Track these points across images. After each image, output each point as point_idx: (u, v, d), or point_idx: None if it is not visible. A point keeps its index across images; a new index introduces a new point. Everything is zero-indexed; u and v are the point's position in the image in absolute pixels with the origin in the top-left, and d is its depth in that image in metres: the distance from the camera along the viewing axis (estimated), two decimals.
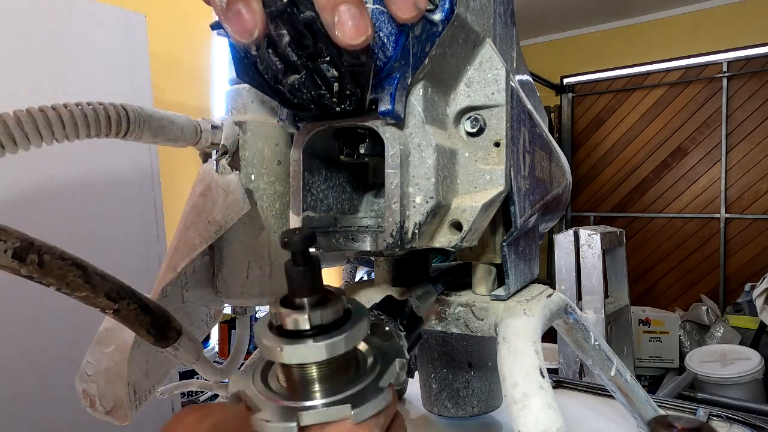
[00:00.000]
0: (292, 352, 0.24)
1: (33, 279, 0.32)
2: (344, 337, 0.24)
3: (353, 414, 0.24)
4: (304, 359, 0.24)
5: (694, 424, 0.29)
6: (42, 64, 1.13)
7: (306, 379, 0.25)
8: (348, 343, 0.25)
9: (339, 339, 0.24)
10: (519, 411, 0.30)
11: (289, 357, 0.24)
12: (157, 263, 1.32)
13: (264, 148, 0.47)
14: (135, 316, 0.37)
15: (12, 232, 0.31)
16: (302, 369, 0.25)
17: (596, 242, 1.92)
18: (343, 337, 0.24)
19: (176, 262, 0.43)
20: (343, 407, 0.24)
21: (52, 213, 1.14)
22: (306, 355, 0.24)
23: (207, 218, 0.43)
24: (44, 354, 1.09)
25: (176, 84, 2.02)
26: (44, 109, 0.33)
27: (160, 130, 0.40)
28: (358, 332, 0.25)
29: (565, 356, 1.93)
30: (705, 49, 3.45)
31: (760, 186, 3.34)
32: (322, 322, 0.24)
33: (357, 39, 0.23)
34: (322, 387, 0.25)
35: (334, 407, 0.24)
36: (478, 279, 0.43)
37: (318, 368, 0.25)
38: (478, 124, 0.36)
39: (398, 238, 0.31)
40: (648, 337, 2.68)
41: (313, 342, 0.24)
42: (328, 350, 0.24)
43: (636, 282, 3.68)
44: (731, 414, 0.68)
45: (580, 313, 0.47)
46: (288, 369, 0.26)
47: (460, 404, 0.60)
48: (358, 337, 0.25)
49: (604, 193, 3.93)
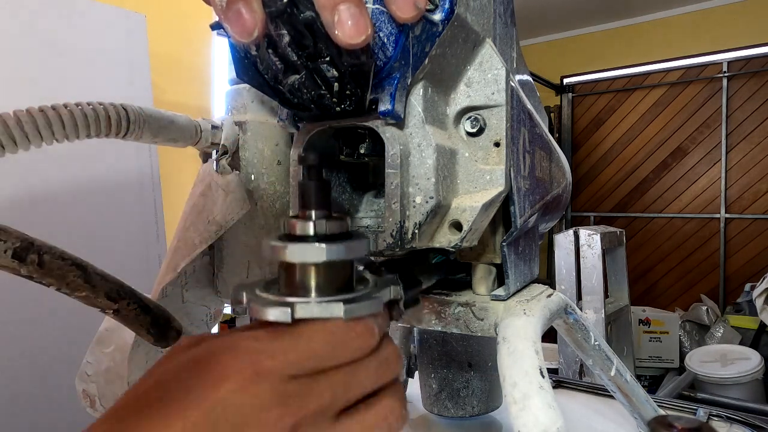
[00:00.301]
0: (296, 250, 0.26)
1: (33, 279, 0.32)
2: (344, 245, 0.27)
3: (344, 310, 0.26)
4: (306, 258, 0.26)
5: (694, 424, 0.29)
6: (42, 64, 1.13)
7: (304, 281, 0.27)
8: (348, 252, 0.27)
9: (339, 245, 0.26)
10: (519, 411, 0.30)
11: (291, 254, 0.26)
12: (157, 263, 1.32)
13: (264, 148, 0.47)
14: (135, 316, 0.37)
15: (12, 232, 0.31)
16: (303, 271, 0.27)
17: (596, 242, 1.92)
18: (343, 245, 0.27)
19: (176, 262, 0.43)
20: (335, 305, 0.26)
21: (52, 213, 1.14)
22: (308, 253, 0.26)
23: (207, 218, 0.43)
24: (44, 354, 1.09)
25: (176, 84, 2.02)
26: (44, 109, 0.33)
27: (160, 130, 0.40)
28: (358, 246, 0.28)
29: (565, 356, 1.93)
30: (705, 49, 3.45)
31: (760, 186, 3.34)
32: (326, 232, 0.27)
33: (357, 38, 0.23)
34: (318, 289, 0.27)
35: (326, 303, 0.26)
36: (478, 279, 0.43)
37: (317, 271, 0.27)
38: (478, 124, 0.36)
39: (398, 238, 0.31)
40: (648, 337, 2.68)
41: (316, 244, 0.26)
42: (329, 253, 0.26)
43: (636, 282, 3.68)
44: (731, 414, 0.68)
45: (580, 313, 0.47)
46: (289, 271, 0.27)
47: (460, 404, 0.60)
48: (357, 250, 0.28)
49: (604, 193, 3.93)
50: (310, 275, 0.27)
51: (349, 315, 0.26)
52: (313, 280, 0.27)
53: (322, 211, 0.27)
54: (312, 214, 0.27)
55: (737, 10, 3.39)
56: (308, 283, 0.27)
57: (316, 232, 0.27)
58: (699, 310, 2.86)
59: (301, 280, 0.27)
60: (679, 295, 3.65)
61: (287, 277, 0.28)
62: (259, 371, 0.24)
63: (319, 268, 0.27)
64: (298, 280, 0.27)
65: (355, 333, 0.26)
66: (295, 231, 0.27)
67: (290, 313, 0.25)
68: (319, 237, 0.27)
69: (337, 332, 0.26)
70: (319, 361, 0.25)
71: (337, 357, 0.26)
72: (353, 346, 0.26)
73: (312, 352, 0.25)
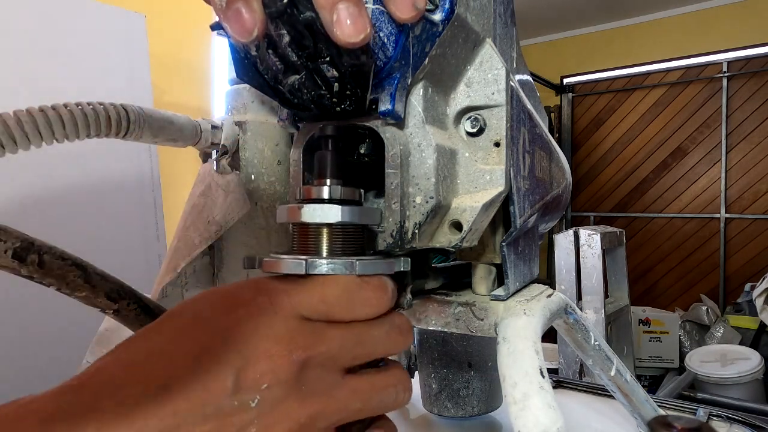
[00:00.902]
0: (311, 210, 0.28)
1: (33, 279, 0.32)
2: (358, 208, 0.29)
3: (358, 265, 0.27)
4: (320, 218, 0.28)
5: (694, 424, 0.29)
6: (42, 64, 1.13)
7: (318, 242, 0.28)
8: (361, 216, 0.29)
9: (353, 208, 0.28)
10: (519, 411, 0.30)
11: (306, 214, 0.28)
12: (157, 263, 1.32)
13: (264, 148, 0.47)
14: (135, 316, 0.37)
15: (12, 232, 0.31)
16: (317, 231, 0.28)
17: (596, 242, 1.92)
18: (357, 208, 0.28)
19: (176, 262, 0.43)
20: (349, 260, 0.27)
21: (52, 213, 1.14)
22: (323, 214, 0.28)
23: (207, 218, 0.43)
24: (44, 354, 1.09)
25: (176, 84, 2.02)
26: (44, 109, 0.33)
27: (161, 130, 0.40)
28: (370, 212, 0.29)
29: (565, 356, 1.93)
30: (705, 49, 3.45)
31: (760, 186, 3.34)
32: (341, 197, 0.29)
33: (356, 37, 0.23)
34: (330, 251, 0.28)
35: (340, 261, 0.27)
36: (478, 279, 0.43)
37: (330, 232, 0.28)
38: (478, 124, 0.36)
39: (398, 238, 0.31)
40: (648, 337, 2.68)
41: (331, 205, 0.28)
42: (343, 214, 0.28)
43: (636, 282, 3.68)
44: (731, 414, 0.68)
45: (580, 313, 0.47)
46: (304, 233, 0.29)
47: (460, 404, 0.60)
48: (370, 215, 0.29)
49: (604, 193, 3.93)
50: (323, 237, 0.28)
51: (363, 271, 0.27)
52: (326, 244, 0.28)
53: (336, 180, 0.29)
54: (327, 180, 0.29)
55: (737, 10, 3.39)
56: (321, 247, 0.28)
57: (331, 196, 0.28)
58: (699, 310, 2.86)
59: (314, 241, 0.28)
60: (679, 295, 3.65)
61: (301, 238, 0.29)
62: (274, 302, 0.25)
63: (334, 230, 0.28)
64: (313, 244, 0.28)
65: (369, 287, 0.28)
66: (310, 195, 0.29)
67: (304, 266, 0.26)
68: (334, 200, 0.28)
69: (350, 285, 0.27)
70: (331, 307, 0.26)
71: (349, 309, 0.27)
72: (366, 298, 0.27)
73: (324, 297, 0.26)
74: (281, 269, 0.27)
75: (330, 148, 0.30)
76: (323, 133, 0.30)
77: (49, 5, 1.14)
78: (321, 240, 0.28)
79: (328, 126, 0.29)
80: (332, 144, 0.30)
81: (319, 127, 0.30)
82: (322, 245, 0.28)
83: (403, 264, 0.30)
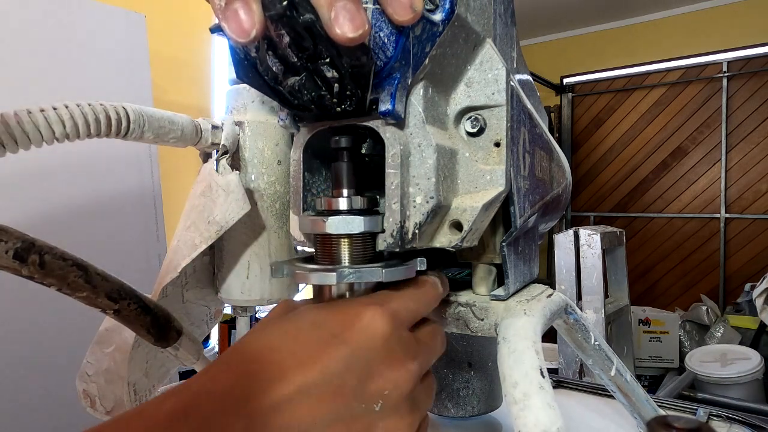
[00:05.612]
0: (334, 222, 0.29)
1: (34, 279, 0.32)
2: (379, 216, 0.30)
3: (384, 273, 0.29)
4: (345, 229, 0.29)
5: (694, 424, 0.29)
6: (42, 64, 1.13)
7: (341, 252, 0.30)
8: (380, 224, 0.30)
9: (375, 217, 0.30)
10: (519, 411, 0.30)
11: (331, 226, 0.29)
12: (157, 263, 1.32)
13: (264, 148, 0.47)
14: (135, 316, 0.37)
15: (13, 232, 0.31)
16: (339, 242, 0.30)
17: (596, 242, 1.92)
18: (378, 217, 0.30)
19: (177, 262, 0.43)
20: (375, 269, 0.29)
21: (52, 213, 1.14)
22: (346, 225, 0.29)
23: (207, 218, 0.43)
24: (44, 354, 1.09)
25: (176, 84, 2.02)
26: (45, 109, 0.33)
27: (161, 130, 0.40)
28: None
29: (565, 356, 1.93)
30: (705, 49, 3.45)
31: (760, 186, 3.34)
32: (361, 207, 0.30)
33: (354, 33, 0.23)
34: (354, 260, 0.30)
35: (367, 267, 0.29)
36: (478, 279, 0.43)
37: (351, 242, 0.30)
38: (479, 124, 0.36)
39: (398, 239, 0.31)
40: (648, 337, 2.68)
41: (353, 216, 0.29)
42: (366, 223, 0.29)
43: (636, 282, 3.68)
44: (731, 414, 0.68)
45: (580, 313, 0.47)
46: (326, 244, 0.30)
47: (460, 404, 0.60)
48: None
49: (604, 193, 3.93)
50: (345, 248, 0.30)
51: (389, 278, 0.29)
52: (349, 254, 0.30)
53: (353, 190, 0.31)
54: (345, 192, 0.31)
55: (737, 10, 3.39)
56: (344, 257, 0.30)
57: (351, 207, 0.30)
58: (699, 310, 2.86)
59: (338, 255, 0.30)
60: (679, 295, 3.65)
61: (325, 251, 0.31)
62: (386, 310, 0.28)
63: (355, 240, 0.30)
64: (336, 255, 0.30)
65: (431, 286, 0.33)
66: (331, 207, 0.30)
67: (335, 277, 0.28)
68: (354, 212, 0.30)
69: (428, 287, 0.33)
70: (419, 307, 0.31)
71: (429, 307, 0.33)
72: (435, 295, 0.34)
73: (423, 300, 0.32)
74: (311, 280, 0.29)
75: (346, 159, 0.31)
76: (338, 145, 0.31)
77: (50, 5, 1.14)
78: (342, 253, 0.30)
79: (343, 138, 0.30)
80: (347, 155, 0.31)
81: (335, 138, 0.31)
82: (344, 258, 0.30)
83: (420, 264, 0.32)
